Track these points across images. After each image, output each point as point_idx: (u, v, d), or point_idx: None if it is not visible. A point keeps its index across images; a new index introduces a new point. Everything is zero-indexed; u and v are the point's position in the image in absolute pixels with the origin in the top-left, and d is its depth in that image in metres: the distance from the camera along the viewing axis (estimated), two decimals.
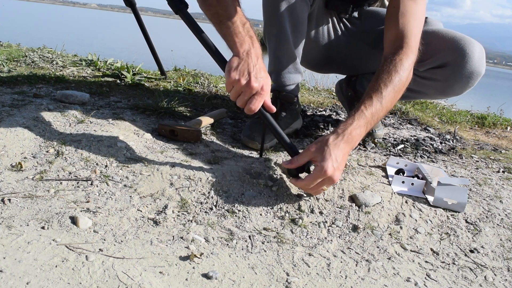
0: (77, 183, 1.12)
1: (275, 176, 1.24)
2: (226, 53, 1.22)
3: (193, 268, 0.88)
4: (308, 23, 1.53)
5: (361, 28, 1.70)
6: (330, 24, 1.66)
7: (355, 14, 1.69)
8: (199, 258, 0.91)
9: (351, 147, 1.15)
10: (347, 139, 1.12)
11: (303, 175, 1.16)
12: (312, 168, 1.21)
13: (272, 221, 1.10)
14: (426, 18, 1.51)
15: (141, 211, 1.06)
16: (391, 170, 1.42)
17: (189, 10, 1.27)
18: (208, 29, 1.27)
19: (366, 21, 1.69)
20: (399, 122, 2.28)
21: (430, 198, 1.27)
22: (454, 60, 1.42)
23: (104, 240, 0.93)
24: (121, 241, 0.93)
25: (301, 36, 1.50)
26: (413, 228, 1.16)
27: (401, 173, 1.40)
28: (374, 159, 1.56)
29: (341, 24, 1.70)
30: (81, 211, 1.01)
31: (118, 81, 2.25)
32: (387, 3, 1.71)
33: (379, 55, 1.65)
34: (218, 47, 1.23)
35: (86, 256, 0.84)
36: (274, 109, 1.18)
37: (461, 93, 1.51)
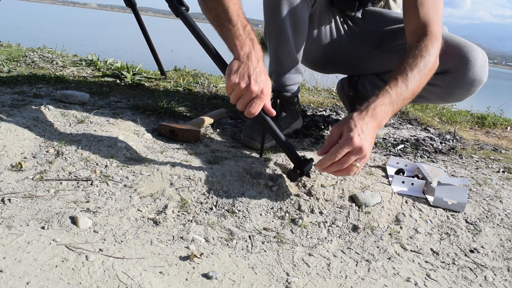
0: (77, 183, 1.12)
1: (275, 176, 1.24)
2: (227, 56, 1.22)
3: (193, 268, 0.88)
4: (310, 23, 1.52)
5: (364, 29, 1.69)
6: (333, 24, 1.66)
7: (359, 14, 1.68)
8: (199, 258, 0.91)
9: (378, 123, 1.11)
10: (371, 114, 1.09)
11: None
12: (312, 170, 1.21)
13: (272, 221, 1.10)
14: None
15: (141, 211, 1.06)
16: (391, 170, 1.42)
17: (189, 10, 1.27)
18: (208, 30, 1.27)
19: (370, 22, 1.69)
20: (399, 122, 2.28)
21: (430, 198, 1.27)
22: (456, 66, 1.41)
23: (104, 240, 0.93)
24: (121, 241, 0.93)
25: (302, 36, 1.50)
26: (413, 228, 1.16)
27: (401, 173, 1.40)
28: (374, 159, 1.56)
29: (344, 24, 1.70)
30: (81, 211, 1.01)
31: (118, 81, 2.26)
32: (391, 2, 1.71)
33: (381, 56, 1.66)
34: (218, 50, 1.23)
35: (86, 256, 0.84)
36: (274, 112, 1.18)
37: (462, 99, 1.50)
